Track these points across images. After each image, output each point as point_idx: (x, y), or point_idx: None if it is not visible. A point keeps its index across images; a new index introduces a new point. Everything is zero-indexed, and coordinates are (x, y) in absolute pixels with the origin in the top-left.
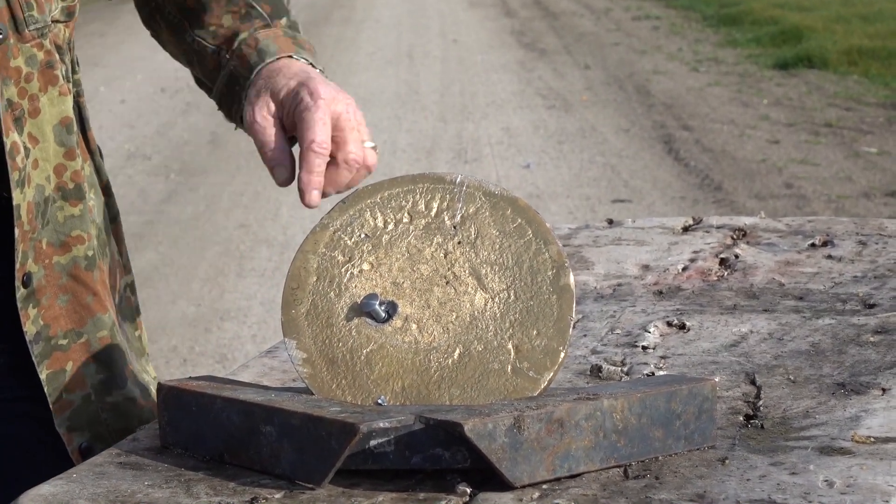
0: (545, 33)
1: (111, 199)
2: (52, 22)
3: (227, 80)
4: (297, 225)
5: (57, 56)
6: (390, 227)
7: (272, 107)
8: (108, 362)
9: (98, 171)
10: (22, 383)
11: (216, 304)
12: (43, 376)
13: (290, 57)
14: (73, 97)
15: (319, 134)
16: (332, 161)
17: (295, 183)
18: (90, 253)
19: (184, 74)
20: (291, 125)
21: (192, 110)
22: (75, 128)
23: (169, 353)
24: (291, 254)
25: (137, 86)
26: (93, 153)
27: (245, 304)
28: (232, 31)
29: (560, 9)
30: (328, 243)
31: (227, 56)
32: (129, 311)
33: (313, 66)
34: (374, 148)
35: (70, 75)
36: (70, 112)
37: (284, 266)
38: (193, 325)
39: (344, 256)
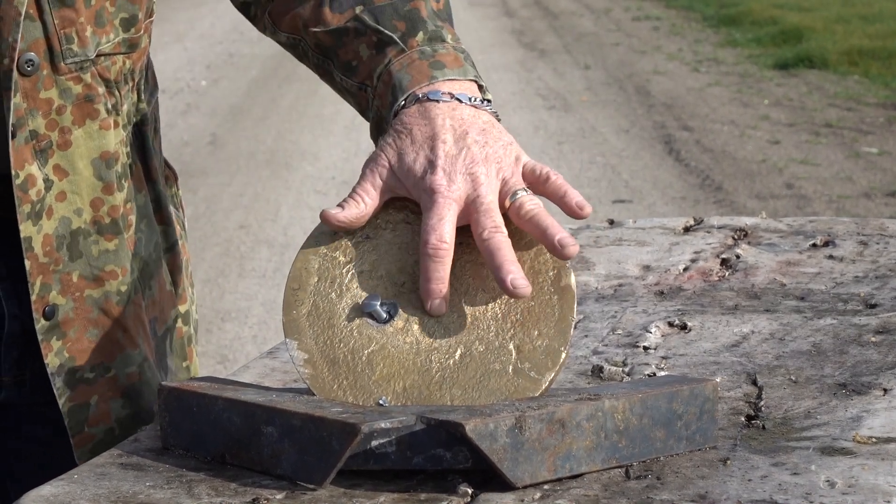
0: (545, 33)
1: (170, 227)
2: (102, 56)
3: (376, 123)
4: (297, 226)
5: (101, 89)
6: (391, 227)
7: (385, 173)
8: (135, 398)
9: (157, 199)
10: (48, 391)
11: (217, 304)
12: (64, 409)
13: (428, 99)
14: (135, 126)
15: (432, 234)
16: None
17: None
18: (123, 288)
19: (183, 75)
20: (411, 194)
21: (191, 111)
22: (121, 161)
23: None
24: (292, 254)
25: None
26: (153, 181)
27: (246, 305)
28: (370, 66)
29: (560, 9)
30: (329, 244)
31: (372, 95)
32: (179, 342)
33: (458, 98)
34: (526, 191)
35: (123, 107)
36: (112, 146)
37: (285, 267)
38: None
39: (345, 257)
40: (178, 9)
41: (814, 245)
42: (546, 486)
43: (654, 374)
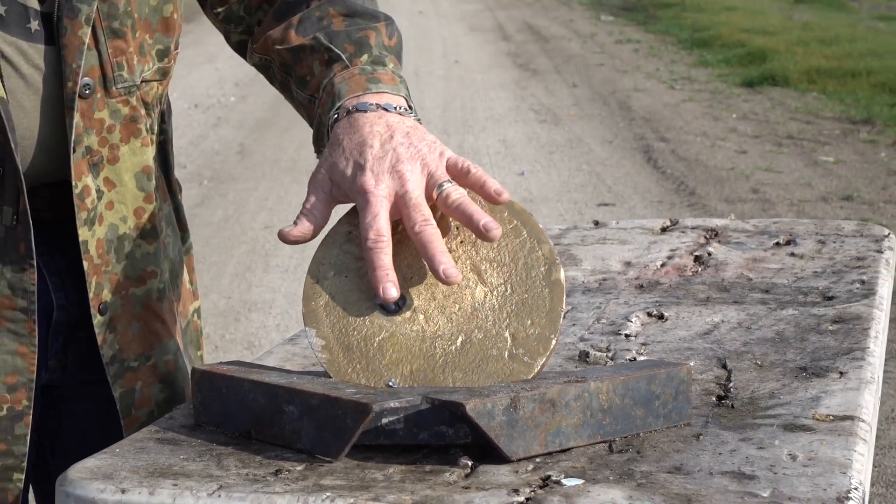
0: (537, 55)
1: (186, 233)
2: (144, 82)
3: (317, 129)
4: None
5: (143, 111)
6: (400, 228)
7: (327, 181)
8: (171, 383)
9: (177, 209)
10: (90, 372)
11: (244, 296)
12: (116, 394)
13: (357, 110)
14: (159, 145)
15: (370, 230)
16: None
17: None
18: (161, 286)
19: (215, 92)
20: (349, 198)
21: (222, 124)
22: (155, 174)
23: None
24: (311, 252)
25: (173, 102)
26: (173, 193)
27: (270, 297)
28: (319, 80)
29: (550, 33)
30: (344, 242)
31: (318, 105)
32: (195, 334)
33: (384, 108)
34: (450, 182)
35: (155, 127)
36: (150, 162)
37: (305, 263)
38: (224, 315)
39: (359, 254)
40: (210, 32)
41: (777, 244)
42: (538, 459)
43: (635, 359)
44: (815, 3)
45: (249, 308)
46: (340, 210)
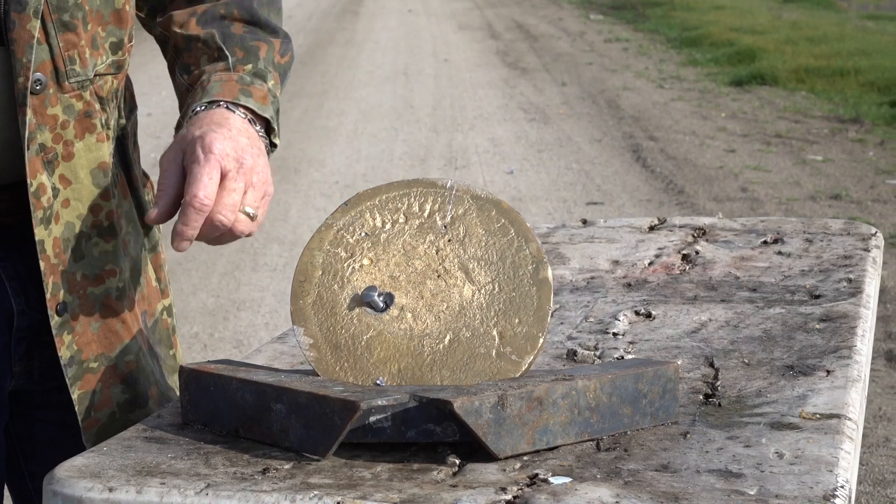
0: (526, 53)
1: (150, 230)
2: (97, 75)
3: (183, 115)
4: (304, 225)
5: (97, 106)
6: (388, 226)
7: (178, 153)
8: (132, 384)
9: (139, 205)
10: (56, 378)
11: (233, 295)
12: (74, 396)
13: (226, 107)
14: (117, 140)
15: (201, 189)
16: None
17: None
18: (121, 285)
19: None
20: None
21: None
22: (113, 171)
23: (191, 340)
24: (300, 251)
25: (162, 101)
26: (135, 190)
27: (258, 296)
28: (201, 73)
29: (539, 32)
30: (332, 241)
31: (190, 96)
32: (165, 332)
33: (253, 116)
34: (251, 216)
35: (111, 122)
36: (107, 157)
37: (293, 262)
38: (213, 314)
39: (346, 253)
40: None
41: (765, 242)
42: (525, 458)
43: (623, 358)
44: (804, 2)
45: (238, 307)
46: (330, 207)
